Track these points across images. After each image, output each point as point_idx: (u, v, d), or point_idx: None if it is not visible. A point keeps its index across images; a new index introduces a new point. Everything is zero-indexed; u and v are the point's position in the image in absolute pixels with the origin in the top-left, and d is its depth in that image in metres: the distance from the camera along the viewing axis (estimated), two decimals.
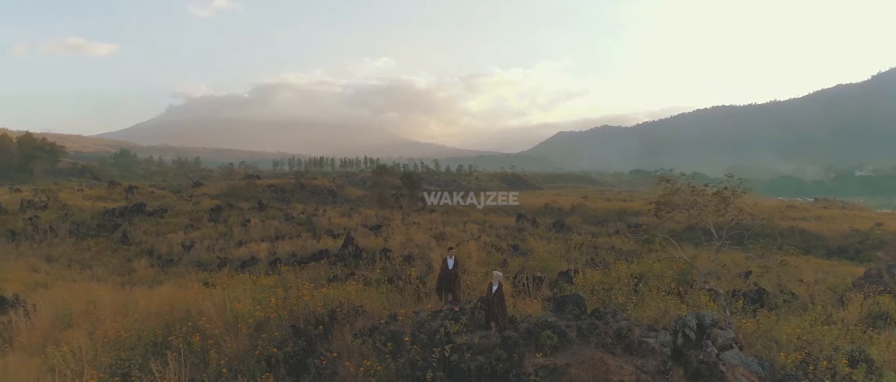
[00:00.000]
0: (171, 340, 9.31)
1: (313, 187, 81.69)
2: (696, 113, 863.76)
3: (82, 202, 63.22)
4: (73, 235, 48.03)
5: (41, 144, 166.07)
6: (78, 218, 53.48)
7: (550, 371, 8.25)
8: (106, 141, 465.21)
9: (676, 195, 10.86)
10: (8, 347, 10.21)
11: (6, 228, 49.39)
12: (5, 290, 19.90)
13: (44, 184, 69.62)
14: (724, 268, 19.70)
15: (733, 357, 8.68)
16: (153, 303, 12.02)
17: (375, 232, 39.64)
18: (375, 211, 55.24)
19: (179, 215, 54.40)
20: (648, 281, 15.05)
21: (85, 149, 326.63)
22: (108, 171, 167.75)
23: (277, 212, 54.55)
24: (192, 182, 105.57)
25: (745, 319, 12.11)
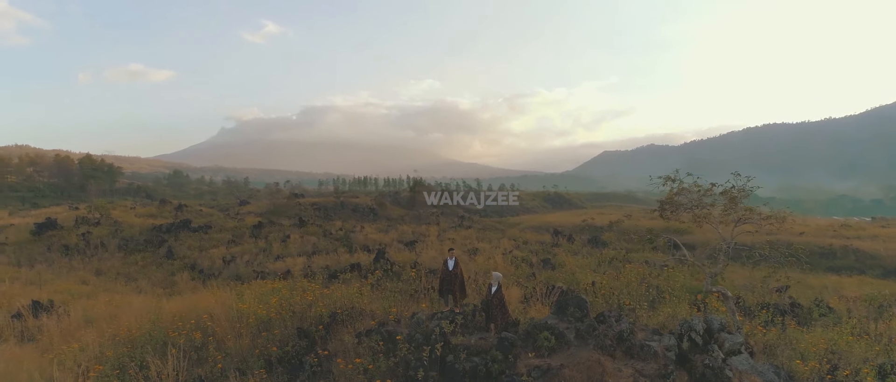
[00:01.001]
0: (172, 336, 9.57)
1: (354, 205, 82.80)
2: (745, 131, 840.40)
3: (133, 219, 65.68)
4: (121, 250, 49.93)
5: (100, 165, 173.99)
6: (127, 234, 55.59)
7: (544, 371, 8.08)
8: (162, 162, 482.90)
9: (682, 194, 10.53)
10: (30, 345, 10.66)
11: (61, 243, 51.77)
12: (52, 299, 20.77)
13: (97, 202, 72.58)
14: (761, 283, 19.02)
15: (741, 363, 8.31)
16: (175, 308, 12.36)
17: (409, 248, 39.79)
18: (412, 228, 55.59)
19: (222, 231, 55.95)
20: (660, 286, 14.65)
21: (142, 169, 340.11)
22: (162, 191, 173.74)
23: (317, 229, 55.43)
24: (239, 200, 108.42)
25: (771, 329, 11.63)
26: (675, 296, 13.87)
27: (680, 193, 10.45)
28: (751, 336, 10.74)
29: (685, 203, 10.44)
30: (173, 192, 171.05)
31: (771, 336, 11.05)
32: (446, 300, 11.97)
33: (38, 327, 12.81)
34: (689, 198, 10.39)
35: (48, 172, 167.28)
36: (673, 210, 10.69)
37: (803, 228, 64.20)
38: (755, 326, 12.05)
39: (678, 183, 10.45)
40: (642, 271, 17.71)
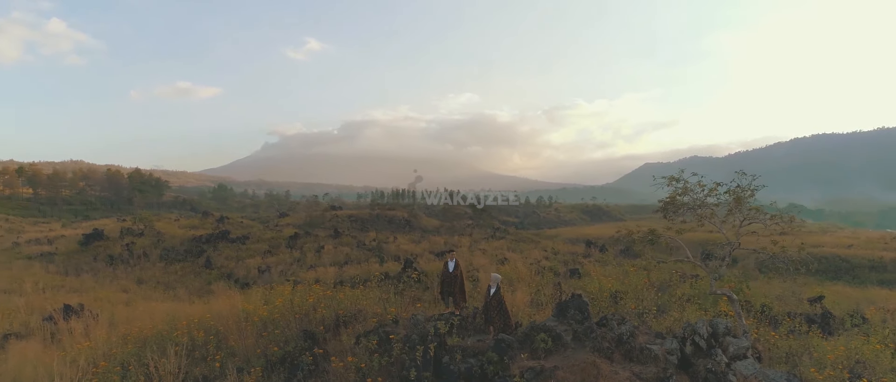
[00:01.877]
0: (176, 335, 9.82)
1: (389, 217, 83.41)
2: (793, 142, 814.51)
3: (175, 230, 67.64)
4: (163, 260, 51.45)
5: (148, 179, 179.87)
6: (169, 244, 57.25)
7: (537, 373, 7.97)
8: (207, 176, 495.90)
9: (687, 195, 10.25)
10: (54, 345, 11.10)
11: (106, 253, 53.70)
12: (82, 303, 21.55)
13: (142, 214, 75.04)
14: (792, 294, 18.44)
15: (747, 368, 8.03)
16: (192, 312, 12.68)
17: (439, 257, 39.92)
18: (445, 239, 55.69)
19: (260, 242, 57.10)
20: (669, 290, 14.32)
21: (188, 183, 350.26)
22: (206, 204, 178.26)
23: (351, 240, 56.03)
24: (279, 213, 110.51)
25: (790, 337, 11.23)
26: (695, 303, 13.54)
27: (684, 193, 10.19)
28: (768, 343, 10.40)
29: (688, 202, 10.18)
30: (217, 205, 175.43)
31: (791, 343, 10.66)
32: (447, 302, 11.95)
33: (66, 329, 13.30)
34: (693, 198, 10.12)
35: (100, 186, 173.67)
36: (675, 210, 10.44)
37: (852, 241, 61.76)
38: (779, 334, 11.67)
39: (682, 183, 10.21)
40: (661, 276, 17.37)
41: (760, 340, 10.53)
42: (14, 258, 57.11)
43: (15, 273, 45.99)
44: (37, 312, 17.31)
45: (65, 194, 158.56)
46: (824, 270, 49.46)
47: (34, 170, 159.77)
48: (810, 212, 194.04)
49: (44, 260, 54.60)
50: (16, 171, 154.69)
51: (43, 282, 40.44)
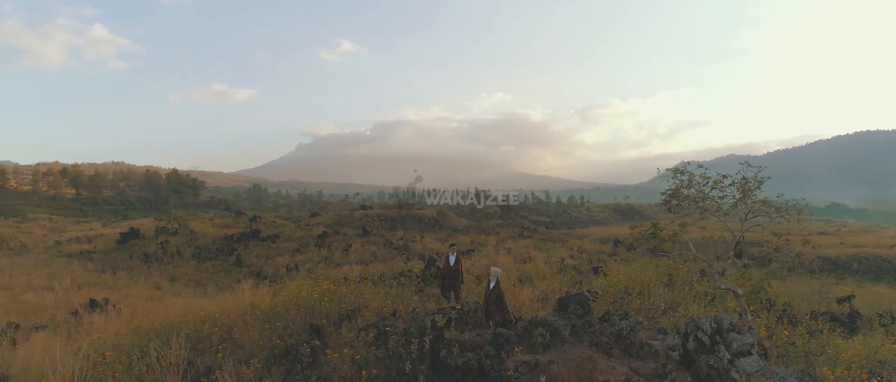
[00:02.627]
0: (183, 328, 9.99)
1: (419, 216, 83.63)
2: (835, 139, 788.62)
3: (208, 229, 69.02)
4: (195, 258, 52.55)
5: (185, 180, 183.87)
6: (201, 243, 58.47)
7: (531, 367, 7.84)
8: (242, 177, 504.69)
9: (693, 187, 9.92)
10: (69, 335, 11.42)
11: (141, 252, 55.09)
12: (122, 302, 22.14)
13: (176, 213, 76.70)
14: (819, 293, 17.85)
15: (750, 365, 7.74)
16: (209, 306, 12.87)
17: (465, 256, 39.94)
18: (472, 238, 55.63)
19: (289, 241, 57.96)
20: (677, 286, 13.96)
21: (224, 184, 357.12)
22: (241, 204, 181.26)
23: (378, 239, 56.46)
24: (310, 212, 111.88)
25: (807, 336, 10.83)
26: (704, 299, 13.22)
27: (690, 186, 9.89)
28: (779, 341, 10.05)
29: (692, 195, 9.88)
30: (251, 205, 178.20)
31: (806, 341, 10.30)
32: (448, 296, 11.87)
33: (88, 322, 13.68)
34: (697, 190, 9.81)
35: (139, 186, 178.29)
36: (678, 202, 10.14)
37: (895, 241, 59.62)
38: (797, 333, 11.27)
39: (688, 175, 9.91)
40: (680, 273, 17.00)
41: (772, 337, 10.19)
42: (55, 256, 59.06)
43: (54, 270, 47.55)
44: (65, 307, 17.82)
45: (105, 194, 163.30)
46: (865, 271, 47.82)
47: (77, 171, 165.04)
48: (852, 212, 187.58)
49: (83, 258, 56.32)
50: (60, 173, 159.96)
51: (80, 280, 41.74)
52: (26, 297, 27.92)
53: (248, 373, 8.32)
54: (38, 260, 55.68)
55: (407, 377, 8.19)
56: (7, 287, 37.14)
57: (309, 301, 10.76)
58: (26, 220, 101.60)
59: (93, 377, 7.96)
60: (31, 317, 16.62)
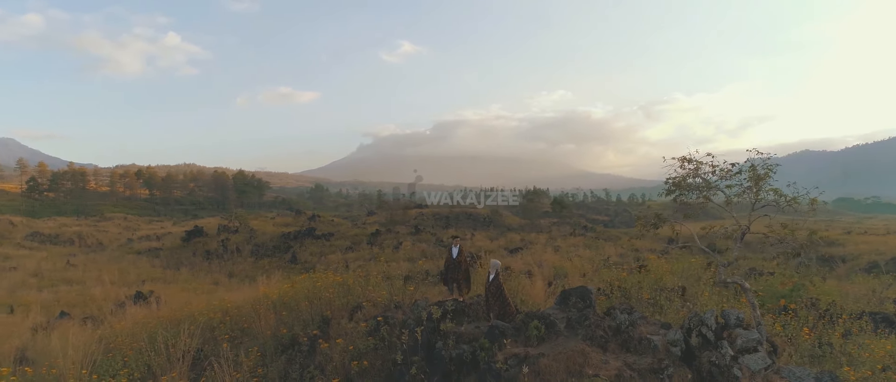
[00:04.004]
0: (199, 317, 10.38)
1: (473, 215, 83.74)
2: None
3: (267, 227, 71.33)
4: (253, 255, 54.47)
5: (250, 180, 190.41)
6: (260, 240, 60.51)
7: (521, 359, 7.68)
8: (306, 177, 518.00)
9: (699, 176, 9.40)
10: (98, 324, 12.10)
11: (204, 249, 57.51)
12: (152, 290, 23.25)
13: (237, 212, 79.52)
14: (873, 293, 16.77)
15: (756, 362, 7.30)
16: (234, 298, 13.36)
17: (512, 253, 39.72)
18: (522, 236, 55.23)
19: (343, 239, 59.17)
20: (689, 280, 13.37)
21: (289, 184, 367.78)
22: (303, 204, 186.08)
23: (430, 237, 56.84)
24: (368, 211, 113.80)
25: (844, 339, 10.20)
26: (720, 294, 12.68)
27: (696, 175, 9.41)
28: (800, 339, 9.49)
29: (699, 184, 9.39)
30: (313, 205, 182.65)
31: (833, 340, 9.71)
32: (451, 288, 11.79)
33: (130, 313, 14.41)
34: (703, 177, 9.30)
35: (207, 187, 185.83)
36: (682, 191, 9.66)
37: None
38: (834, 333, 10.65)
39: (694, 163, 9.43)
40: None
41: (785, 335, 9.64)
42: (126, 253, 62.52)
43: (123, 266, 50.35)
44: (114, 300, 18.83)
45: (177, 195, 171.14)
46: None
47: (150, 173, 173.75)
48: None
49: (151, 254, 59.37)
50: (135, 174, 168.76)
51: (145, 275, 44.01)
52: (94, 291, 29.68)
53: (247, 361, 8.58)
54: (111, 257, 59.10)
55: (399, 367, 8.24)
56: (80, 281, 39.57)
57: (313, 293, 10.98)
58: (104, 219, 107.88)
59: (103, 361, 8.41)
60: (83, 308, 17.67)
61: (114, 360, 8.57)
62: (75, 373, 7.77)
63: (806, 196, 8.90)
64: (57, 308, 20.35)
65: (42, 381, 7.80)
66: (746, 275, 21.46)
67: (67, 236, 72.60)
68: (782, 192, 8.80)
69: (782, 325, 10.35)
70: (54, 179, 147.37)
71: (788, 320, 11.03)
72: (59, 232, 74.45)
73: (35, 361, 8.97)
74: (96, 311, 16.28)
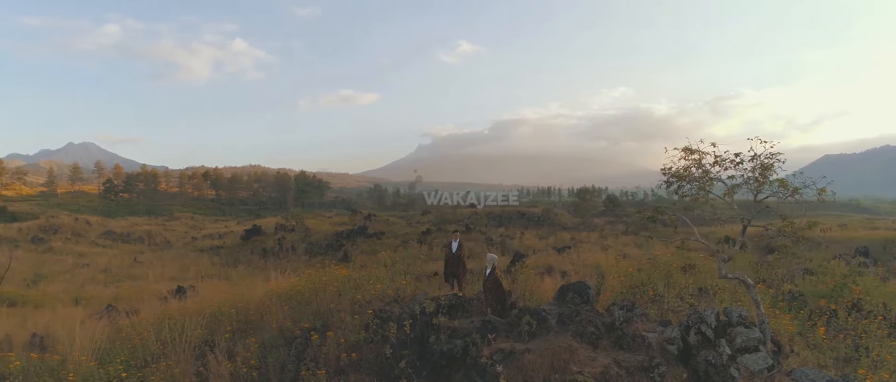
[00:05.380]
0: (213, 309, 10.75)
1: (526, 213, 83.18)
2: None
3: (322, 226, 73.14)
4: (307, 253, 55.91)
5: (311, 181, 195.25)
6: (314, 239, 62.03)
7: (506, 355, 7.53)
8: (366, 178, 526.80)
9: (701, 168, 8.89)
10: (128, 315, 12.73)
11: (261, 247, 59.42)
12: (194, 285, 24.15)
13: (294, 212, 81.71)
14: None
15: (756, 362, 6.87)
16: (254, 292, 13.78)
17: (559, 252, 39.27)
18: (572, 235, 54.39)
19: (394, 237, 59.95)
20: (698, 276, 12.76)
21: (349, 185, 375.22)
22: (362, 203, 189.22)
23: (480, 236, 56.75)
24: (422, 210, 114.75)
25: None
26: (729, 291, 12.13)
27: (700, 165, 8.94)
28: (814, 339, 8.96)
29: (697, 176, 8.93)
30: (372, 205, 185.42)
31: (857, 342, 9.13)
32: (451, 283, 11.71)
33: (166, 306, 15.07)
34: (705, 167, 8.83)
35: (270, 188, 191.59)
36: (679, 181, 9.21)
37: None
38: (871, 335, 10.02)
39: (697, 153, 8.97)
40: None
41: (798, 335, 9.11)
42: (190, 251, 65.33)
43: (185, 263, 52.68)
44: (154, 293, 19.70)
45: (241, 195, 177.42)
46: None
47: (217, 175, 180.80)
48: None
49: (212, 252, 61.85)
50: (202, 176, 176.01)
51: (204, 272, 45.86)
52: (149, 286, 31.17)
53: (242, 352, 8.82)
54: (175, 254, 61.93)
55: (388, 361, 8.27)
56: (143, 277, 41.68)
57: (319, 287, 11.18)
58: (172, 219, 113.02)
59: (108, 349, 8.85)
60: (130, 302, 18.60)
61: (120, 349, 9.02)
62: (76, 359, 8.23)
63: (814, 187, 8.39)
64: (114, 301, 21.56)
65: (45, 366, 8.29)
66: (794, 275, 20.53)
67: (137, 234, 76.47)
68: (788, 183, 8.32)
69: (797, 325, 9.85)
70: (128, 181, 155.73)
71: (817, 320, 10.50)
72: (131, 231, 78.51)
73: (50, 348, 9.53)
74: (140, 305, 17.09)
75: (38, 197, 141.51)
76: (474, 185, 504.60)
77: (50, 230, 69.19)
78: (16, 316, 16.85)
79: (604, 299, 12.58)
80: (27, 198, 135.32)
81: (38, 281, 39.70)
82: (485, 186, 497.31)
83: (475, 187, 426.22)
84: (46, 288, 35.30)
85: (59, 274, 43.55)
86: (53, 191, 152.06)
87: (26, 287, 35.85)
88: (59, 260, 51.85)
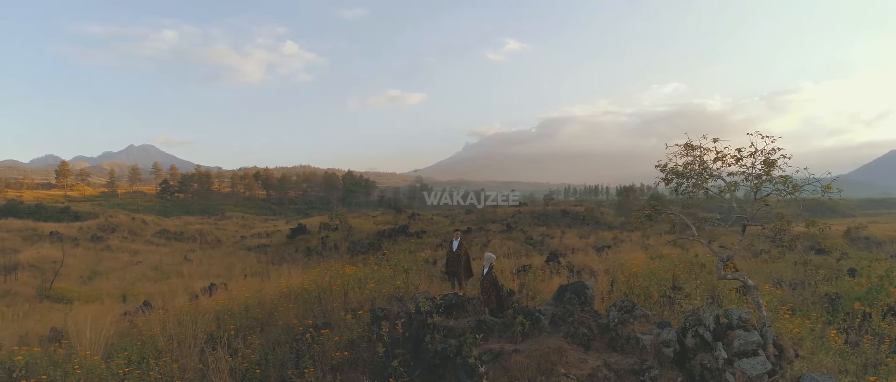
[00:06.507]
0: (216, 307, 11.04)
1: (570, 213, 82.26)
2: None
3: (365, 225, 73.98)
4: (349, 252, 56.71)
5: (358, 180, 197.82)
6: (356, 238, 62.88)
7: (495, 355, 7.42)
8: (413, 177, 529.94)
9: (699, 164, 8.52)
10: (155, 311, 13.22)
11: (305, 246, 60.64)
12: (226, 283, 24.82)
13: (338, 211, 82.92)
14: None
15: (754, 367, 6.54)
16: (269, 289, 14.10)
17: (598, 252, 38.62)
18: (614, 234, 53.43)
19: (435, 236, 60.10)
20: None
21: (395, 184, 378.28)
22: (407, 202, 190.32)
23: (520, 235, 56.42)
24: (466, 210, 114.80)
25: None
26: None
27: (701, 161, 8.58)
28: (828, 343, 8.52)
29: (696, 172, 8.57)
30: (418, 204, 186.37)
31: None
32: (452, 282, 11.62)
33: (196, 302, 15.57)
34: (705, 163, 8.47)
35: (318, 187, 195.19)
36: (679, 179, 8.87)
37: None
38: None
39: (700, 148, 8.61)
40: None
41: (820, 339, 8.64)
42: (238, 249, 67.16)
43: (232, 261, 54.21)
44: (188, 291, 20.32)
45: (291, 195, 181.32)
46: None
47: (267, 175, 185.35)
48: None
49: (258, 251, 63.42)
50: (253, 176, 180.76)
51: (249, 270, 47.06)
52: (191, 284, 32.19)
53: (242, 349, 9.01)
54: (224, 253, 63.78)
55: (381, 359, 8.29)
56: (189, 274, 43.06)
57: (324, 285, 11.32)
58: (224, 218, 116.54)
59: (116, 344, 9.21)
60: (165, 299, 19.23)
61: (128, 344, 9.38)
62: (81, 353, 8.59)
63: (818, 185, 7.98)
64: (152, 298, 22.39)
65: (51, 359, 8.69)
66: (837, 275, 19.64)
67: (190, 233, 79.09)
68: (791, 180, 7.94)
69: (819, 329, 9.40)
70: (183, 181, 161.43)
71: (839, 323, 10.04)
72: (184, 230, 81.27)
73: (59, 339, 9.99)
74: (173, 301, 17.69)
75: (100, 197, 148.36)
76: (521, 184, 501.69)
77: (108, 229, 72.29)
78: (58, 311, 17.69)
79: (614, 299, 12.32)
80: (90, 198, 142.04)
81: (93, 277, 41.59)
82: (531, 185, 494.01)
83: (521, 186, 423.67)
84: (100, 284, 36.93)
85: (113, 271, 45.45)
86: (114, 191, 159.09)
87: (82, 283, 37.65)
88: (114, 258, 54.11)
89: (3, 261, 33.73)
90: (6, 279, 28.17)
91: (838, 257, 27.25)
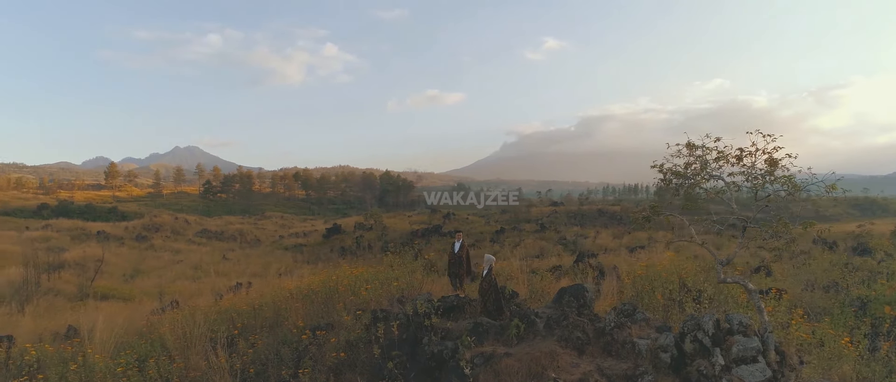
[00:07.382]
0: (233, 307, 11.28)
1: (605, 212, 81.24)
2: None
3: (400, 225, 74.53)
4: (383, 251, 57.15)
5: (396, 180, 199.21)
6: (390, 237, 63.34)
7: (486, 358, 7.33)
8: (451, 176, 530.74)
9: (699, 163, 8.20)
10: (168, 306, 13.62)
11: (340, 245, 61.39)
12: (251, 282, 25.29)
13: (373, 211, 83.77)
14: None
15: (753, 374, 6.29)
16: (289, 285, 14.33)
17: (631, 252, 38.02)
18: (649, 234, 52.45)
19: (467, 235, 60.07)
20: None
21: (433, 184, 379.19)
22: (442, 202, 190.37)
23: (553, 235, 55.91)
24: (501, 209, 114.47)
25: None
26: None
27: (703, 160, 8.29)
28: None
29: (695, 172, 8.27)
30: (455, 203, 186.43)
31: None
32: (454, 283, 11.53)
33: (218, 301, 15.98)
34: (705, 163, 8.18)
35: (357, 187, 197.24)
36: (679, 179, 8.58)
37: None
38: None
39: (701, 148, 8.31)
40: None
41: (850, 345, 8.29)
42: (275, 248, 68.45)
43: (268, 260, 55.28)
44: (213, 291, 20.81)
45: (330, 195, 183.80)
46: None
47: (307, 175, 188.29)
48: None
49: (295, 250, 64.52)
50: (293, 176, 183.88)
51: (285, 269, 47.91)
52: (219, 282, 32.93)
53: (244, 347, 9.19)
54: (262, 252, 65.09)
55: (377, 361, 8.31)
56: (226, 273, 44.11)
57: (330, 285, 11.43)
58: (263, 218, 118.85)
59: (126, 342, 9.51)
60: (194, 298, 19.78)
61: (138, 341, 9.68)
62: (88, 350, 8.90)
63: (820, 185, 7.68)
64: (193, 296, 23.09)
65: (60, 355, 9.01)
66: (872, 277, 18.93)
67: (230, 233, 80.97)
68: (794, 180, 7.65)
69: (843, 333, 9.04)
70: (225, 182, 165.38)
71: (865, 328, 9.65)
72: (224, 230, 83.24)
73: (71, 336, 10.36)
74: (199, 300, 18.19)
75: (146, 197, 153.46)
76: (559, 183, 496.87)
77: (152, 228, 74.59)
78: (86, 308, 18.26)
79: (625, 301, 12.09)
80: (136, 199, 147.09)
81: (135, 275, 42.98)
82: (570, 184, 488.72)
83: (560, 185, 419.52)
84: (141, 282, 38.13)
85: (154, 270, 46.86)
86: (159, 191, 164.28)
87: (124, 281, 38.95)
88: (157, 257, 55.80)
89: (49, 260, 35.08)
90: (50, 277, 29.33)
91: (880, 258, 26.17)
